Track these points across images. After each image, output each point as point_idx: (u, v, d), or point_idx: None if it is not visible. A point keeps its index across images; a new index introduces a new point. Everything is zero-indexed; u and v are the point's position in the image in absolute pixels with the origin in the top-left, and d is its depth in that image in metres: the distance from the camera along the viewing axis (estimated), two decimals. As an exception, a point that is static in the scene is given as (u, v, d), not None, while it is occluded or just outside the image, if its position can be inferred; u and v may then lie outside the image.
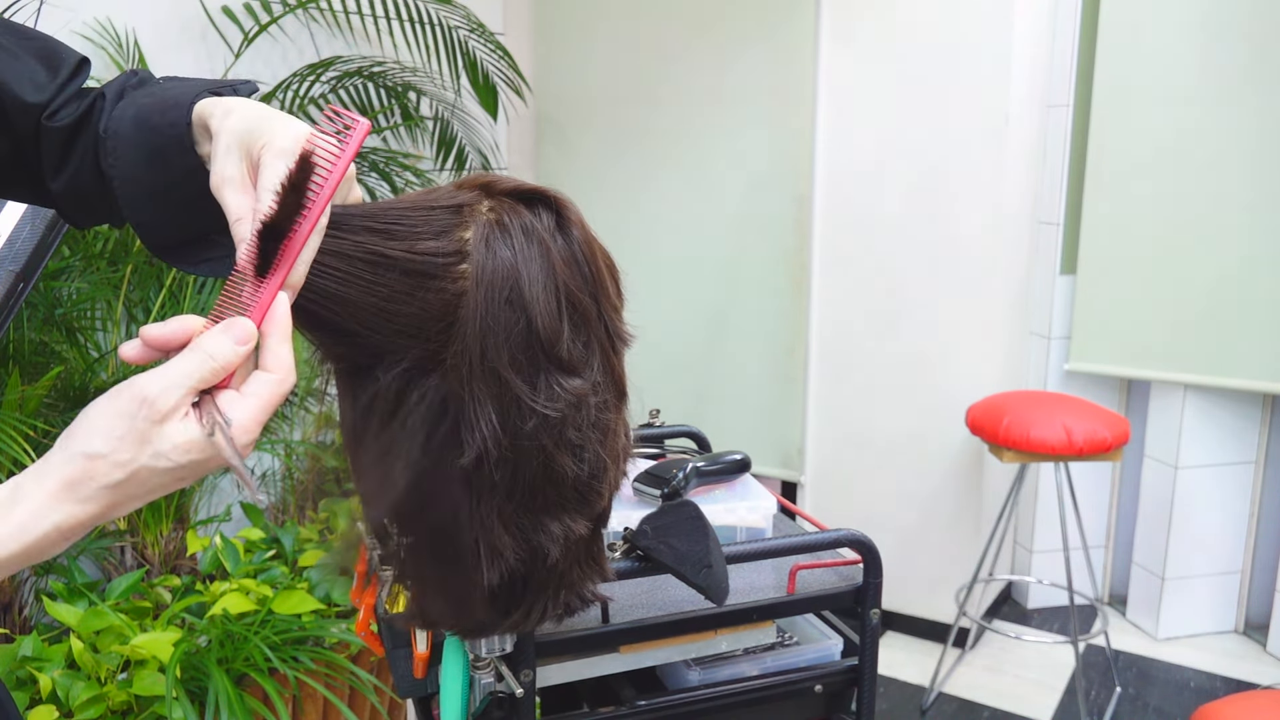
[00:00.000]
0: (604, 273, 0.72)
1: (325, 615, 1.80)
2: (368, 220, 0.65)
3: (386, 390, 0.67)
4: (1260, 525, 2.81)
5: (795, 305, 2.86)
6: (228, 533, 2.07)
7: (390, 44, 2.71)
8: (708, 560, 0.86)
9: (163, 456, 0.52)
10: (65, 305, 1.95)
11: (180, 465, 0.53)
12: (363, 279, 0.64)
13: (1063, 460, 2.29)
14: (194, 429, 0.53)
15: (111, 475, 0.52)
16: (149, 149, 0.66)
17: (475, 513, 0.69)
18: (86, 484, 0.52)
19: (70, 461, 0.52)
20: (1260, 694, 1.80)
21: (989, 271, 2.61)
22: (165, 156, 0.65)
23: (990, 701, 2.54)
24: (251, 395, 0.56)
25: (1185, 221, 2.63)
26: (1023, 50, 2.55)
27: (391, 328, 0.64)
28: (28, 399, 1.68)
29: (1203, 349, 2.65)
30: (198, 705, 1.52)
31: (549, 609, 0.76)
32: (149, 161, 0.66)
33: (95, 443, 0.52)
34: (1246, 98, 2.51)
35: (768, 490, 1.15)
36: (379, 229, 0.65)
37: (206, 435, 0.53)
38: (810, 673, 1.01)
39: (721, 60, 2.85)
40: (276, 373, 0.57)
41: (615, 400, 0.74)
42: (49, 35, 0.73)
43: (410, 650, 0.92)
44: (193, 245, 0.71)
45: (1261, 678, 2.64)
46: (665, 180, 3.00)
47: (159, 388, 0.53)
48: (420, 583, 0.74)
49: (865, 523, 2.41)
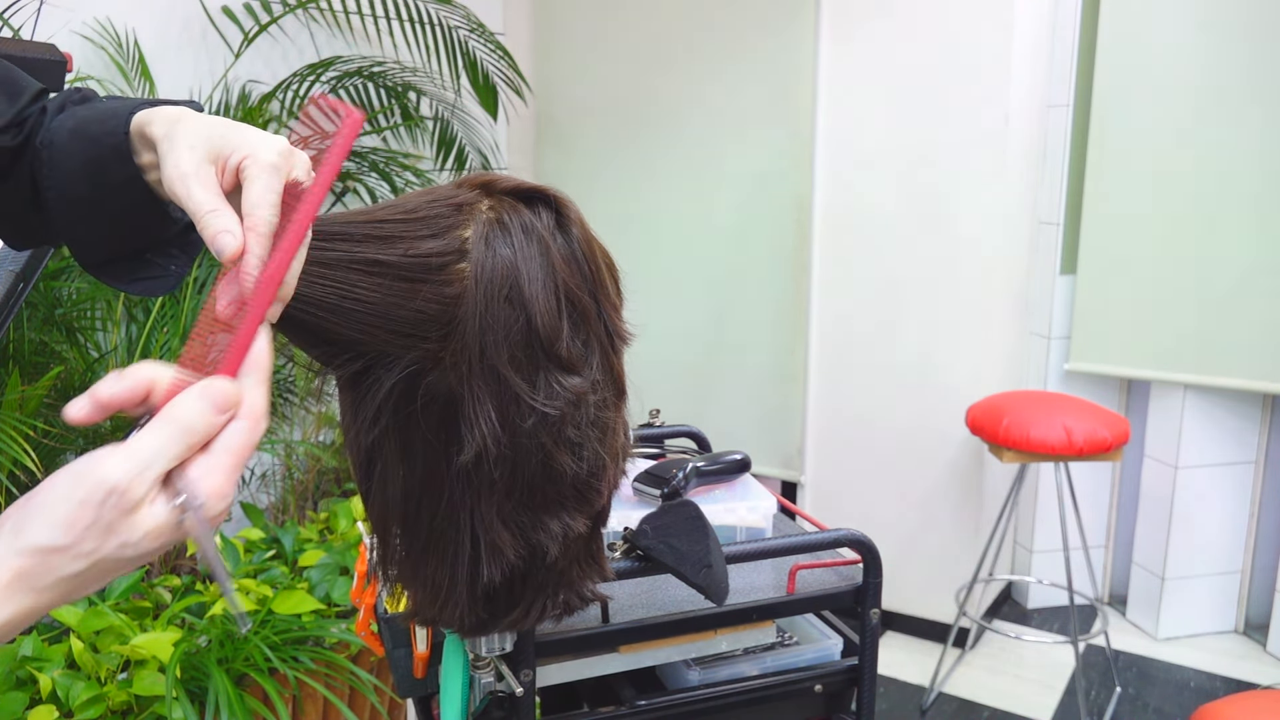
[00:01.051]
0: (604, 271, 0.72)
1: (325, 615, 1.80)
2: (367, 227, 0.65)
3: (387, 390, 0.67)
4: (1260, 525, 2.81)
5: (795, 305, 2.86)
6: (228, 533, 2.07)
7: (390, 44, 2.72)
8: (708, 560, 0.86)
9: (130, 546, 0.47)
10: (65, 305, 1.95)
11: (147, 551, 0.48)
12: (360, 287, 0.63)
13: (1063, 460, 2.29)
14: (163, 514, 0.48)
15: (72, 566, 0.47)
16: (84, 159, 0.64)
17: (475, 510, 0.69)
18: (43, 577, 0.47)
19: (25, 555, 0.46)
20: (1260, 694, 1.80)
21: (989, 271, 2.61)
22: (102, 165, 0.63)
23: (990, 701, 2.54)
24: (223, 451, 0.49)
25: (1185, 221, 2.63)
26: (1023, 50, 2.55)
27: (391, 332, 0.64)
28: (28, 399, 1.68)
29: (1203, 349, 2.65)
30: (198, 705, 1.52)
31: (548, 607, 0.76)
32: (84, 171, 0.64)
33: (56, 535, 0.46)
34: (1246, 97, 2.51)
35: (768, 490, 1.15)
36: (380, 236, 0.64)
37: (178, 521, 0.48)
38: (810, 673, 1.01)
39: (722, 61, 2.85)
40: (249, 419, 0.51)
41: (614, 399, 0.74)
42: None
43: (410, 650, 0.92)
44: (128, 263, 0.68)
45: (1261, 678, 2.64)
46: (665, 180, 3.00)
47: (128, 475, 0.47)
48: (420, 580, 0.74)
49: (865, 523, 2.41)
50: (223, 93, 2.32)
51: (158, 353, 2.02)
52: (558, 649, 0.90)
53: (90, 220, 0.65)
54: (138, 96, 0.70)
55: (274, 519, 2.36)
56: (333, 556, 1.92)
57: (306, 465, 2.40)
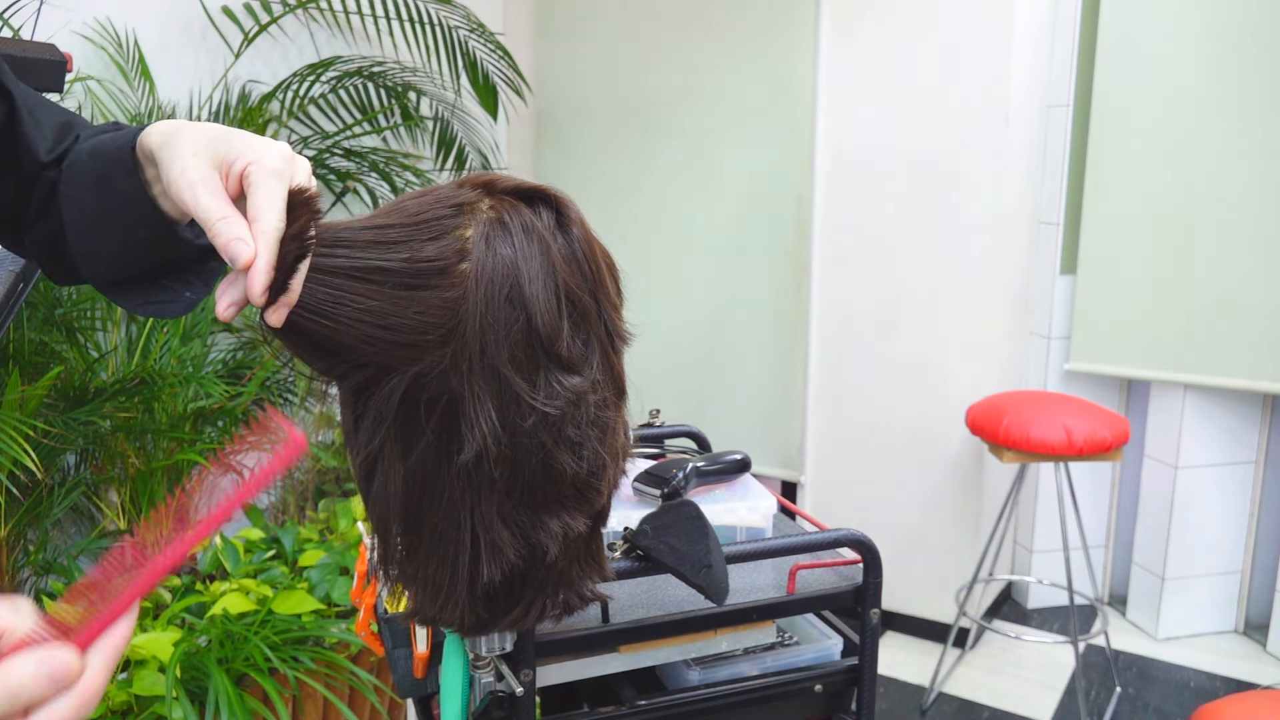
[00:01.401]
0: (604, 271, 0.72)
1: (325, 615, 1.80)
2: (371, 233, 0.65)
3: (388, 393, 0.67)
4: (1260, 525, 2.81)
5: (795, 305, 2.86)
6: (228, 533, 2.07)
7: (390, 44, 2.72)
8: (708, 560, 0.86)
9: None
10: (65, 305, 1.95)
11: None
12: (359, 294, 0.63)
13: (1063, 460, 2.29)
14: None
15: None
16: (96, 174, 0.65)
17: (475, 509, 0.69)
18: None
19: None
20: (1260, 694, 1.80)
21: (989, 271, 2.61)
22: (109, 179, 0.64)
23: (990, 701, 2.54)
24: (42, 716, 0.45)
25: (1185, 221, 2.63)
26: (1023, 50, 2.55)
27: (393, 341, 0.64)
28: (28, 399, 1.68)
29: (1203, 349, 2.65)
30: (198, 705, 1.52)
31: (548, 607, 0.76)
32: (95, 186, 0.64)
33: None
34: (1246, 97, 2.51)
35: (768, 490, 1.15)
36: (384, 242, 0.65)
37: None
38: (810, 672, 1.01)
39: (721, 60, 2.85)
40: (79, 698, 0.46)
41: (614, 398, 0.74)
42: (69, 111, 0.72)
43: (410, 650, 0.92)
44: (140, 285, 0.69)
45: (1261, 678, 2.64)
46: (665, 179, 3.00)
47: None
48: (420, 580, 0.74)
49: (865, 523, 2.41)
50: (223, 93, 2.32)
51: (157, 353, 2.02)
52: (558, 649, 0.90)
53: (100, 236, 0.65)
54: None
55: (274, 519, 2.36)
56: (333, 556, 1.92)
57: (306, 465, 2.41)
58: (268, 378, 2.15)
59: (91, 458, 1.99)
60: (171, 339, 2.03)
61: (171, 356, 2.00)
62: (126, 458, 1.94)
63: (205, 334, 2.09)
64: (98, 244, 0.66)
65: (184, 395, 1.99)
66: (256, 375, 2.10)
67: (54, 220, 0.67)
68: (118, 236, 0.65)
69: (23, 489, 1.82)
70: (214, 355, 2.20)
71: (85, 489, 1.96)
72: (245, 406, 2.08)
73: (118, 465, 1.96)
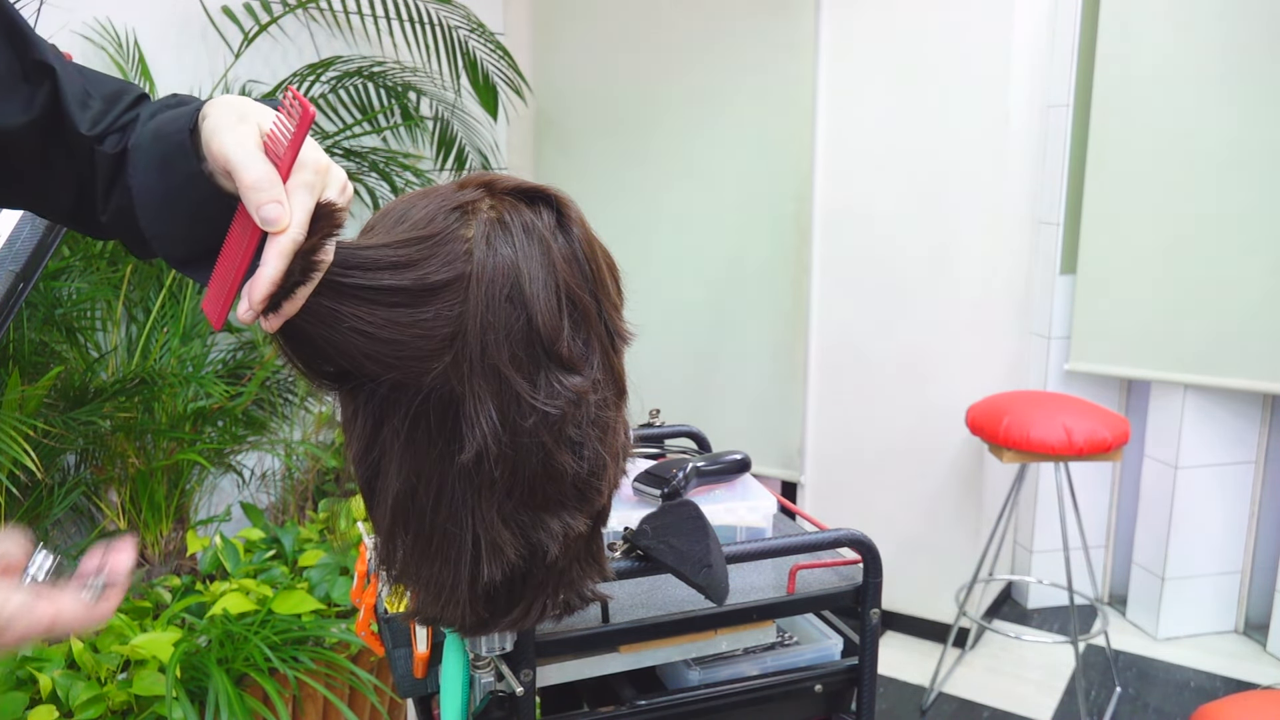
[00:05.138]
0: (604, 271, 0.72)
1: (325, 615, 1.80)
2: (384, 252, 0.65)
3: (388, 391, 0.67)
4: (1260, 525, 2.81)
5: (795, 305, 2.86)
6: (228, 533, 2.07)
7: (390, 44, 2.72)
8: (708, 560, 0.86)
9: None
10: (65, 305, 1.95)
11: None
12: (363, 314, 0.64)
13: (1063, 460, 2.29)
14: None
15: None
16: (160, 157, 0.65)
17: (476, 509, 0.69)
18: None
19: None
20: (1260, 694, 1.80)
21: (989, 271, 2.61)
22: (171, 161, 0.65)
23: (990, 701, 2.54)
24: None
25: (1185, 221, 2.63)
26: (1023, 50, 2.55)
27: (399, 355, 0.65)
28: (28, 399, 1.68)
29: (1203, 349, 2.65)
30: (198, 705, 1.52)
31: (548, 606, 0.76)
32: (159, 169, 0.65)
33: None
34: (1246, 97, 2.51)
35: (768, 490, 1.15)
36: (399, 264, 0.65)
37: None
38: (810, 672, 1.01)
39: (721, 60, 2.85)
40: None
41: (615, 398, 0.74)
42: (113, 78, 0.73)
43: (410, 650, 0.92)
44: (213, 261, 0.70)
45: (1261, 678, 2.64)
46: (665, 180, 3.00)
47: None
48: (421, 580, 0.74)
49: (865, 522, 2.41)
50: (222, 92, 2.32)
51: (157, 353, 2.02)
52: (558, 649, 0.90)
53: (168, 218, 0.66)
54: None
55: (274, 519, 2.36)
56: (333, 556, 1.92)
57: (306, 465, 2.41)
58: (268, 378, 2.15)
59: (91, 458, 1.99)
60: (171, 339, 2.03)
61: (171, 356, 2.00)
62: (126, 458, 1.94)
63: (205, 334, 2.09)
64: (167, 227, 0.67)
65: (184, 395, 1.99)
66: (256, 375, 2.10)
67: (126, 197, 0.69)
68: (185, 218, 0.66)
69: (23, 489, 1.82)
70: (214, 355, 2.20)
71: (85, 489, 1.96)
72: (245, 406, 2.08)
73: (118, 465, 1.96)
